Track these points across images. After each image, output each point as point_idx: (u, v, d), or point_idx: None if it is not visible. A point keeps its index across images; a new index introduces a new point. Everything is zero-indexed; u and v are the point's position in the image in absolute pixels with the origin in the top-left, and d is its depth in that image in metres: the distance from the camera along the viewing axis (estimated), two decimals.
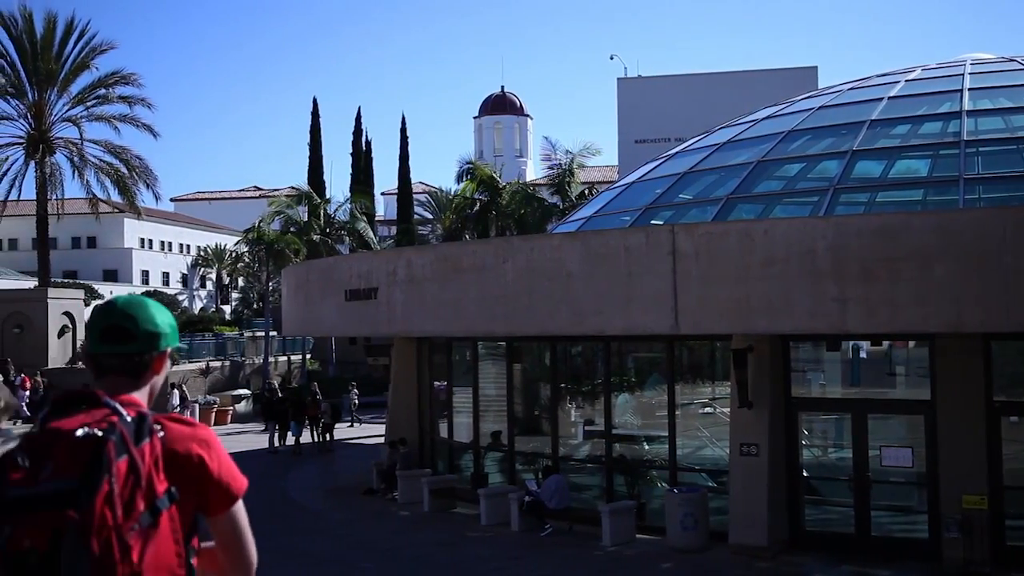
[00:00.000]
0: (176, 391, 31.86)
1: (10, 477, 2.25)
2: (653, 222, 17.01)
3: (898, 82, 18.28)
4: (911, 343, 14.40)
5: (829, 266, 11.28)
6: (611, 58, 67.85)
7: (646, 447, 16.81)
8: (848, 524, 13.62)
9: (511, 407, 18.01)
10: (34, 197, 39.63)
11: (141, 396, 2.55)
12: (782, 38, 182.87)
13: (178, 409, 31.53)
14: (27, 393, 31.21)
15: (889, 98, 17.34)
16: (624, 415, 17.07)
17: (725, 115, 23.02)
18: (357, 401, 34.05)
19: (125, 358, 2.55)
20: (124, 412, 2.37)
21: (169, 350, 2.64)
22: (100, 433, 2.28)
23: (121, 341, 2.55)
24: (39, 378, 31.98)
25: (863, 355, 15.39)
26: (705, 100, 37.11)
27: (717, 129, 20.37)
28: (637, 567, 13.45)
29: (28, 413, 31.11)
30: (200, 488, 2.44)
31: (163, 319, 2.62)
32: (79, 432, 2.27)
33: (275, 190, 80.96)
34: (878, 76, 19.70)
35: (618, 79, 42.63)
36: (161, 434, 2.40)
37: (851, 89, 19.08)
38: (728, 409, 15.12)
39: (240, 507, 2.53)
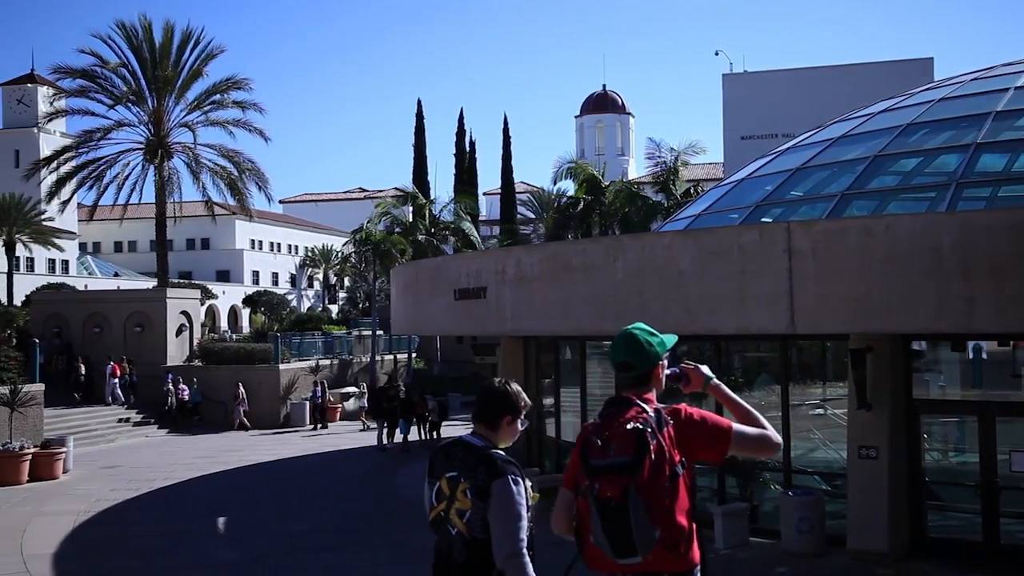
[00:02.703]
0: (240, 388, 32.79)
1: (592, 453, 3.79)
2: (764, 220, 16.70)
3: None
4: None
5: (955, 263, 10.87)
6: (716, 54, 67.01)
7: None
8: (974, 531, 13.11)
9: None
10: (151, 200, 41.14)
11: (652, 394, 4.02)
12: (894, 30, 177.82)
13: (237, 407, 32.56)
14: (116, 380, 32.48)
15: (1016, 88, 16.64)
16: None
17: (835, 110, 22.46)
18: None
19: (634, 377, 4.04)
20: (649, 409, 3.85)
21: (661, 361, 4.08)
22: (640, 426, 3.75)
23: (628, 370, 4.05)
24: (126, 365, 33.19)
25: (983, 355, 14.82)
26: (814, 95, 36.31)
27: (830, 124, 19.88)
28: (751, 570, 13.22)
29: (122, 399, 32.37)
30: (700, 454, 3.88)
31: (650, 344, 4.06)
32: (629, 426, 3.76)
33: (379, 191, 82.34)
34: (1003, 65, 18.94)
35: (723, 75, 42.09)
36: (671, 423, 3.84)
37: (973, 80, 18.38)
38: (841, 410, 14.75)
39: (735, 435, 3.92)
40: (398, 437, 27.44)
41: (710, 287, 12.97)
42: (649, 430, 3.74)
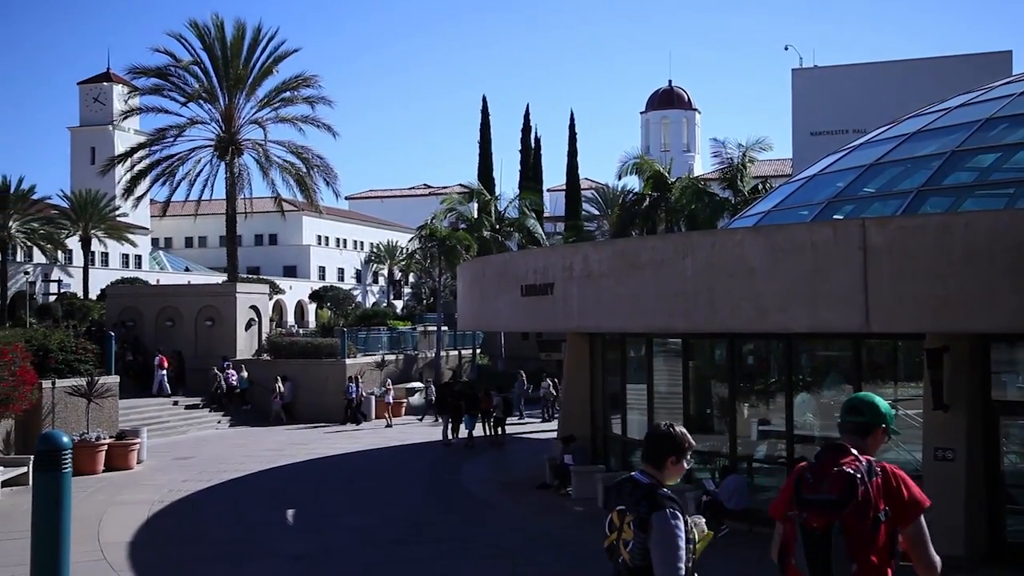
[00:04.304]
0: (281, 383, 33.22)
1: (805, 488, 4.41)
2: (836, 216, 16.43)
3: None
4: None
5: None
6: (785, 48, 66.26)
7: None
8: None
9: (686, 405, 17.74)
10: (221, 197, 41.85)
11: (866, 448, 4.52)
12: (970, 22, 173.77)
13: (279, 394, 32.99)
14: (164, 372, 33.11)
15: None
16: (803, 415, 16.55)
17: (908, 106, 21.99)
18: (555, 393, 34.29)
19: (857, 424, 4.62)
20: (862, 459, 4.39)
21: (883, 426, 4.61)
22: (851, 472, 4.32)
23: (856, 414, 4.64)
24: (173, 360, 34.07)
25: None
26: (886, 90, 35.61)
27: (905, 118, 19.47)
28: None
29: (168, 391, 32.93)
30: (899, 511, 4.39)
31: (882, 408, 4.63)
32: (842, 469, 4.32)
33: (444, 188, 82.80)
34: None
35: (793, 69, 41.46)
36: (879, 474, 4.39)
37: None
38: (913, 411, 14.43)
39: (921, 522, 4.42)
40: (463, 433, 27.54)
41: (782, 284, 12.80)
42: (859, 476, 4.31)
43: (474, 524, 16.59)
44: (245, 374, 33.90)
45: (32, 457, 19.52)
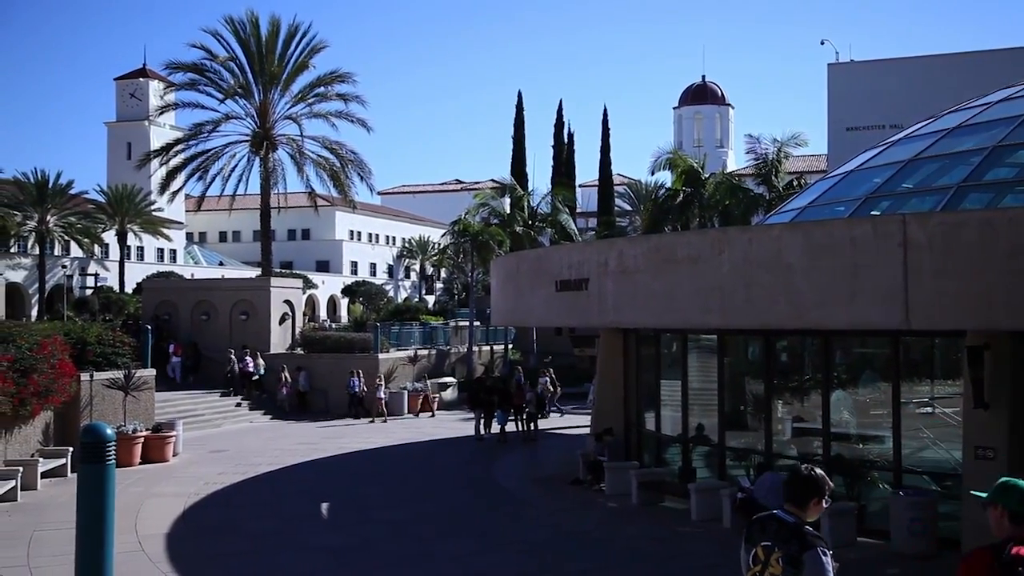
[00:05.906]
0: (287, 372, 33.51)
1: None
2: (873, 212, 16.26)
3: None
4: None
5: None
6: (822, 43, 65.23)
7: (862, 446, 16.09)
8: None
9: (721, 401, 17.64)
10: (255, 192, 42.11)
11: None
12: (1012, 15, 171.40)
13: (286, 383, 33.08)
14: (179, 360, 33.38)
15: None
16: (839, 413, 16.41)
17: (948, 101, 21.69)
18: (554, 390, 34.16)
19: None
20: None
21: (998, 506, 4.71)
22: None
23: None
24: (189, 349, 34.50)
25: None
26: (925, 85, 35.19)
27: (944, 114, 19.22)
28: (860, 571, 12.88)
29: (179, 378, 33.19)
30: None
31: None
32: None
33: (476, 183, 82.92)
34: None
35: (828, 65, 41.05)
36: None
37: None
38: (951, 409, 14.27)
39: None
40: (495, 428, 27.54)
41: (820, 281, 12.68)
42: None
43: (508, 519, 16.59)
44: (261, 362, 34.15)
45: (70, 449, 19.90)
